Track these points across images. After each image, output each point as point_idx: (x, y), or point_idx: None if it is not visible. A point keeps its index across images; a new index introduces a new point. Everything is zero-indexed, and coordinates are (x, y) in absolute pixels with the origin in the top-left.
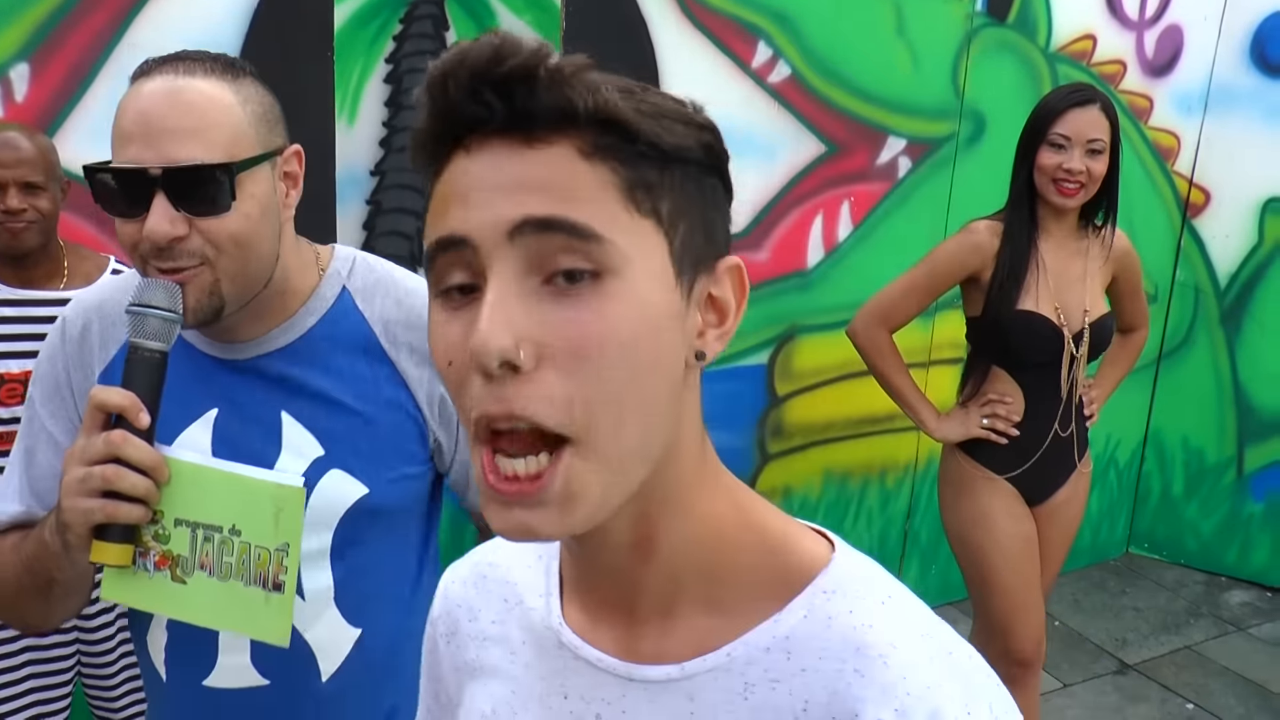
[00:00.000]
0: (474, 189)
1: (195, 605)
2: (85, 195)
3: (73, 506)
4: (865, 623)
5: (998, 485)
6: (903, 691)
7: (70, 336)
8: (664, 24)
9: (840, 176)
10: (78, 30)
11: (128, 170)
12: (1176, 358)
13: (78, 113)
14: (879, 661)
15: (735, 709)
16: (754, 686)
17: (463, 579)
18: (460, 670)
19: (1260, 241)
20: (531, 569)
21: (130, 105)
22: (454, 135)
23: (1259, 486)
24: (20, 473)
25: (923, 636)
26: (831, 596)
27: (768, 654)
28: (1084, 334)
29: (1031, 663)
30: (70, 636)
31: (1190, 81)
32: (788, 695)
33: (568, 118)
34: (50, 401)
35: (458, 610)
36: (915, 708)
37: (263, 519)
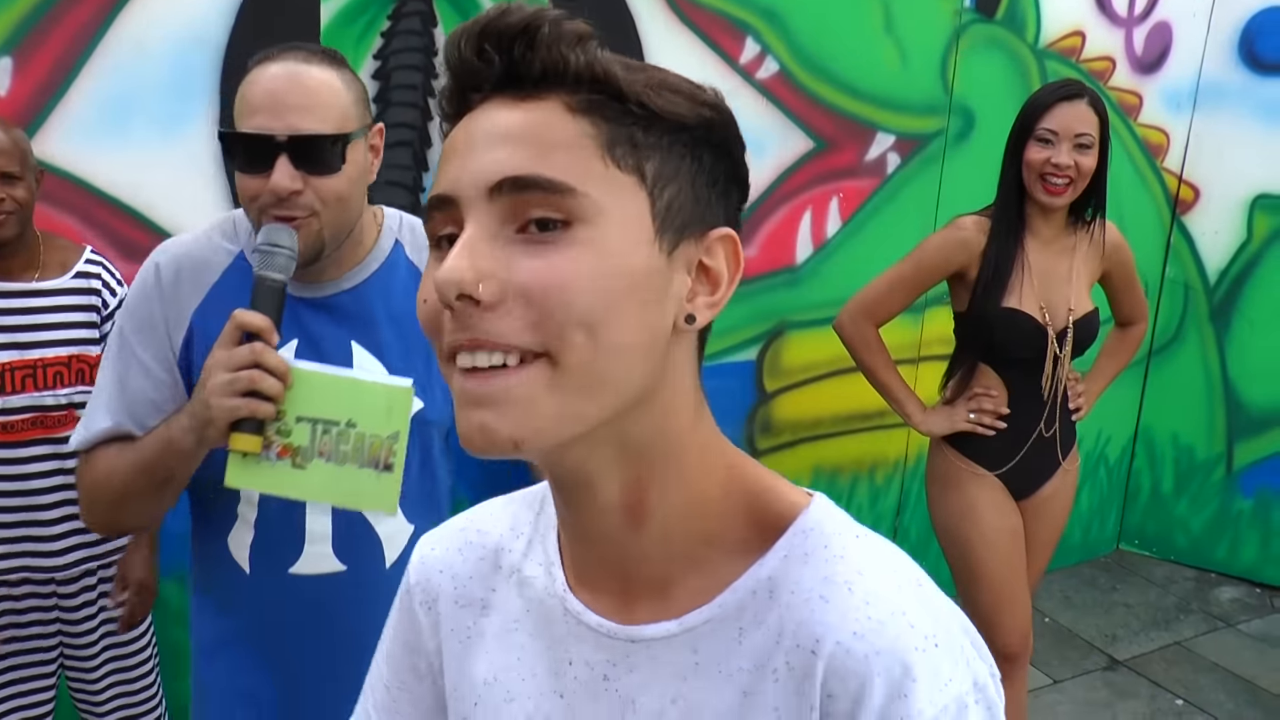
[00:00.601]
0: (464, 145)
1: (312, 487)
2: (68, 190)
3: (220, 404)
4: (837, 554)
5: (984, 480)
6: (864, 615)
7: (164, 280)
8: (652, 20)
9: (829, 172)
10: (62, 24)
11: (258, 135)
12: (1166, 354)
13: (62, 107)
14: (844, 588)
15: (732, 653)
16: (745, 630)
17: (445, 546)
18: (446, 638)
19: (1249, 238)
20: (523, 537)
21: (258, 83)
22: (464, 94)
23: (1248, 483)
24: (112, 394)
25: (892, 569)
26: (809, 535)
27: (754, 597)
28: (1068, 332)
29: (1018, 657)
30: (53, 629)
31: (1179, 78)
32: (769, 631)
33: (559, 76)
34: (142, 334)
35: (439, 577)
36: (876, 632)
37: (376, 413)
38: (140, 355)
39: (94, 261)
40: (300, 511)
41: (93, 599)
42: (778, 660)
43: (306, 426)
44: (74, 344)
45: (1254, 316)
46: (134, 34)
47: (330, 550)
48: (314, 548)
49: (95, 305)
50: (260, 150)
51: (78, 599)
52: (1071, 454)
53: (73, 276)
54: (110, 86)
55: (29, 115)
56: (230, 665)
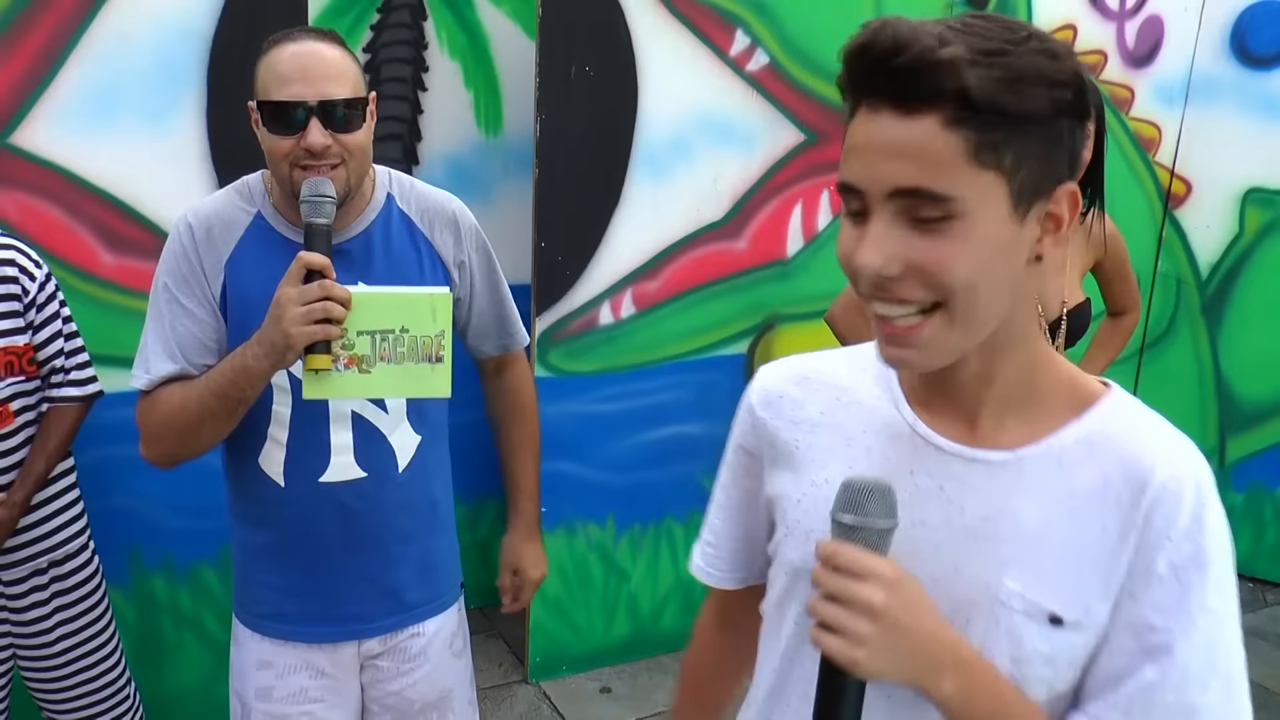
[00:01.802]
0: (866, 148)
1: (378, 386)
2: (54, 181)
3: (300, 332)
4: (1146, 426)
5: None
6: (1180, 465)
7: (199, 236)
8: (641, 12)
9: (819, 165)
10: (47, 14)
11: (294, 102)
12: (1158, 348)
13: (47, 98)
14: (1160, 447)
15: (1054, 482)
16: (1066, 467)
17: (782, 378)
18: (775, 447)
19: (1241, 232)
20: (858, 379)
21: (285, 59)
22: (858, 97)
23: (1240, 477)
24: (165, 341)
25: (1185, 441)
26: (1118, 410)
27: (1076, 445)
28: (1061, 322)
29: None
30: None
31: (1171, 72)
32: (1093, 472)
33: (939, 95)
34: (184, 286)
35: (779, 400)
36: (1185, 475)
37: (423, 316)
38: (186, 304)
39: (6, 246)
40: (325, 428)
41: (45, 599)
42: (1107, 489)
43: (367, 338)
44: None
45: (1246, 310)
46: (120, 24)
47: (353, 459)
48: (339, 458)
49: (16, 294)
50: (295, 115)
51: (27, 599)
52: None
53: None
54: (96, 77)
55: (13, 106)
56: (273, 566)
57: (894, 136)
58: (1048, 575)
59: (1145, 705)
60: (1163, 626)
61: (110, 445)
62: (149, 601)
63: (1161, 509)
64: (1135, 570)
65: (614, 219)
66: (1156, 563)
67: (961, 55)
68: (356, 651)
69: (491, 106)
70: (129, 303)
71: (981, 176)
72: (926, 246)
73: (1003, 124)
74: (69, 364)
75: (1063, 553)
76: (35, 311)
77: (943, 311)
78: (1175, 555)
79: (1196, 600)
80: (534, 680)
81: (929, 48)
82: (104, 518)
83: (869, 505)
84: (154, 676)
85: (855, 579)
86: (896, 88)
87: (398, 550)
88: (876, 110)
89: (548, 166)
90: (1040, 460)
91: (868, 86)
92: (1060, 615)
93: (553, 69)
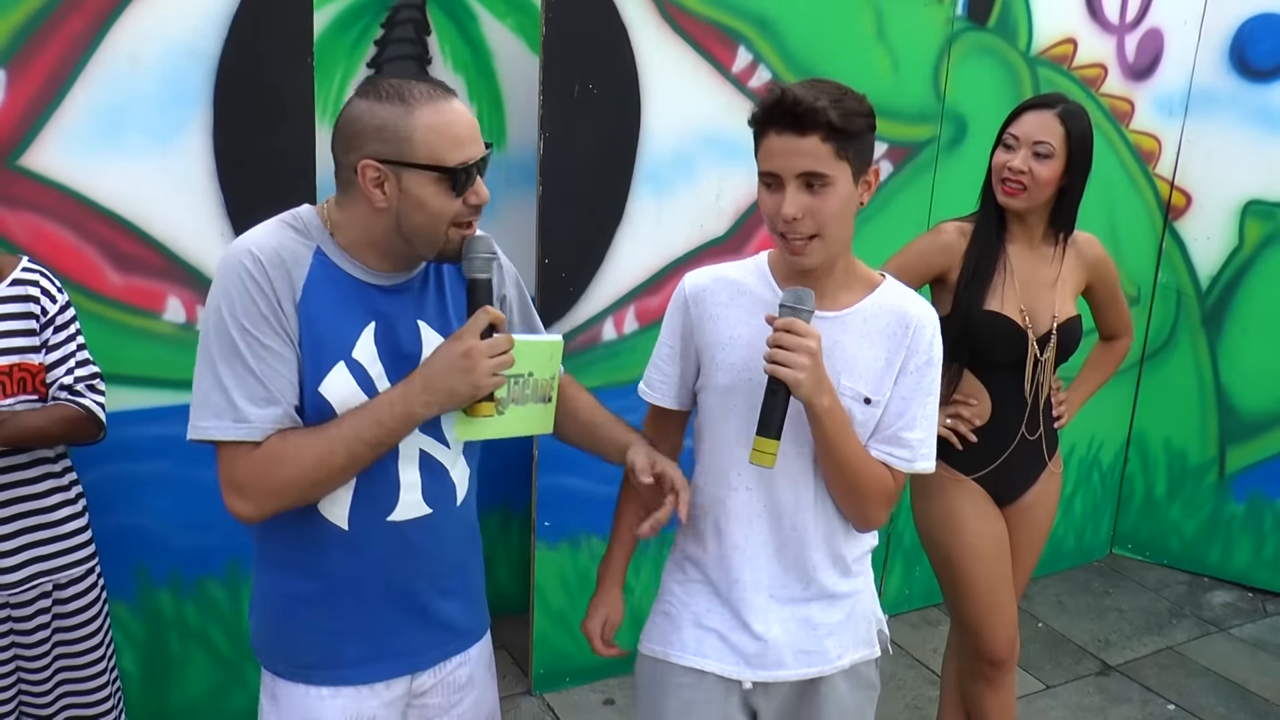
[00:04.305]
0: (782, 153)
1: (509, 426)
2: (63, 202)
3: (489, 383)
4: (908, 297)
5: (965, 486)
6: (921, 311)
7: (272, 273)
8: (644, 29)
9: None
10: (56, 36)
11: (473, 164)
12: (1159, 359)
13: (56, 119)
14: (913, 304)
15: (862, 326)
16: (868, 318)
17: (703, 278)
18: (701, 319)
19: (1241, 244)
20: (749, 278)
21: (456, 120)
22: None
23: (1240, 487)
24: (254, 386)
25: (925, 301)
26: (890, 288)
27: (871, 306)
28: (1051, 336)
29: (1004, 662)
30: (7, 646)
31: (1171, 85)
32: (882, 320)
33: (819, 125)
34: (264, 325)
35: (702, 292)
36: (927, 319)
37: (545, 361)
38: (269, 343)
39: (31, 269)
40: (395, 467)
41: (46, 621)
42: (890, 329)
43: (505, 383)
44: (14, 353)
45: (1246, 322)
46: (128, 47)
47: (421, 497)
48: (408, 496)
49: (34, 313)
50: (470, 175)
51: (33, 621)
52: (1055, 457)
53: (8, 285)
54: (104, 99)
55: (23, 129)
56: (326, 612)
57: (798, 147)
58: (862, 377)
59: (892, 437)
60: (906, 398)
61: (116, 463)
62: (155, 616)
63: (916, 336)
64: (902, 369)
65: (617, 235)
66: (910, 364)
67: (825, 104)
68: (408, 688)
69: (495, 121)
70: (137, 322)
71: (840, 164)
72: (815, 201)
73: (847, 137)
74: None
75: (869, 364)
76: (52, 332)
77: (818, 238)
78: (919, 360)
79: (925, 384)
80: (538, 692)
81: (811, 102)
82: (110, 534)
83: (804, 298)
84: (160, 691)
85: (802, 336)
86: (797, 122)
87: (451, 581)
88: (783, 133)
89: (551, 183)
90: (854, 316)
91: (781, 122)
92: (870, 397)
93: (556, 86)
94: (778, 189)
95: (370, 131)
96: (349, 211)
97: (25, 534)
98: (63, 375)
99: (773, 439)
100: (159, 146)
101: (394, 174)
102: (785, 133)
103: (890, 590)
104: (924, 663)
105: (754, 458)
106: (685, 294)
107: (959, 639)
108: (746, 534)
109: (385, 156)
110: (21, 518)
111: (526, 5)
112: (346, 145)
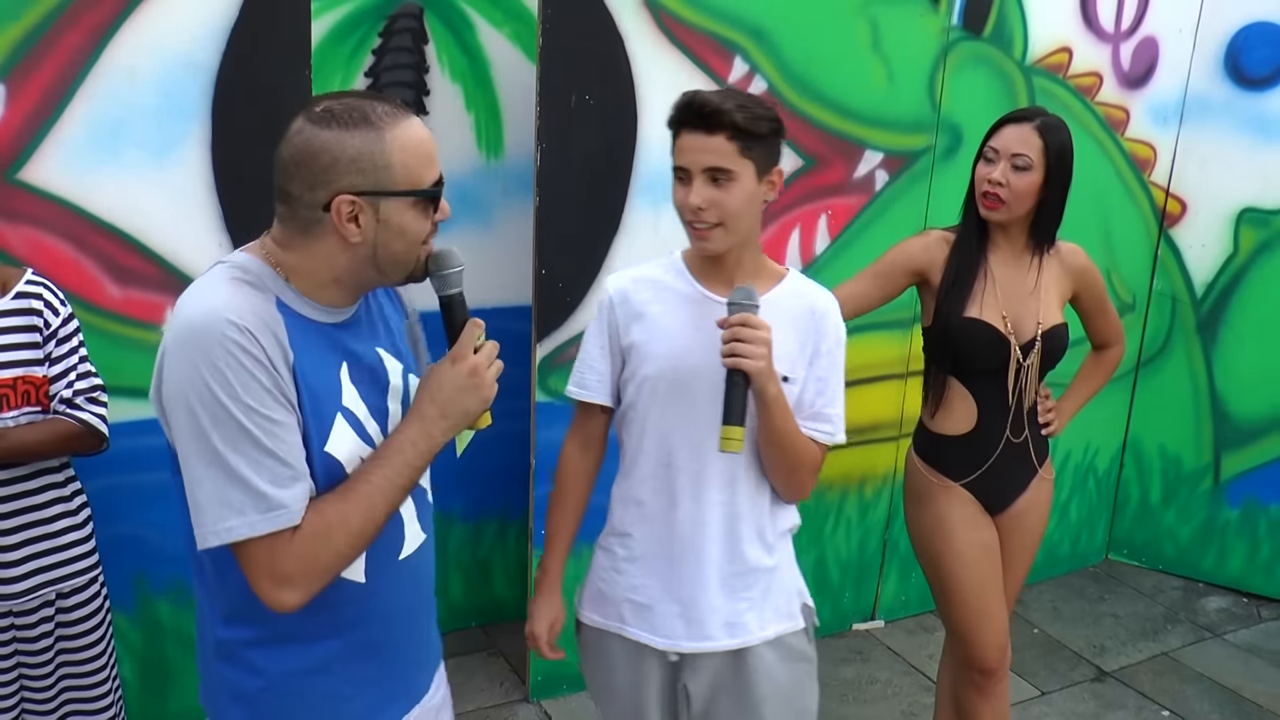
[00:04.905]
0: (692, 150)
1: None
2: (62, 215)
3: (492, 394)
4: (811, 285)
5: (955, 493)
6: (826, 299)
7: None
8: (640, 40)
9: (818, 190)
10: (54, 50)
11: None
12: (1154, 366)
13: (55, 133)
14: (818, 293)
15: (776, 314)
16: (780, 306)
17: (625, 282)
18: (627, 318)
19: (1236, 251)
20: (666, 276)
21: (425, 135)
22: (683, 125)
23: (1235, 493)
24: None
25: (827, 291)
26: (795, 279)
27: (781, 295)
28: (1036, 343)
29: (995, 671)
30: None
31: (1166, 93)
32: (794, 306)
33: (725, 125)
34: (268, 399)
35: (626, 291)
36: (832, 306)
37: None
38: (277, 417)
39: (34, 282)
40: None
41: (50, 629)
42: (800, 315)
43: None
44: (19, 365)
45: (1240, 329)
46: (126, 60)
47: (419, 526)
48: (410, 528)
49: (38, 326)
50: (441, 192)
51: (36, 630)
52: (1047, 463)
53: (13, 298)
54: (103, 111)
55: (22, 142)
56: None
57: (706, 145)
58: (780, 359)
59: (817, 414)
60: (824, 378)
61: (114, 474)
62: (154, 626)
63: (824, 321)
64: (815, 351)
65: (614, 246)
66: (821, 346)
67: (731, 107)
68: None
69: (492, 129)
70: (136, 334)
71: (744, 161)
72: (719, 194)
73: (751, 138)
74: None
75: (785, 347)
76: (55, 344)
77: (721, 227)
78: (830, 343)
79: (838, 364)
80: (535, 699)
81: (719, 104)
82: (110, 545)
83: (751, 294)
84: (158, 700)
85: (756, 329)
86: (705, 122)
87: (433, 601)
88: (694, 131)
89: (548, 194)
90: (768, 304)
91: (691, 122)
92: (789, 376)
93: (553, 98)
94: (687, 182)
95: (344, 163)
96: (306, 252)
97: (30, 544)
98: (62, 388)
99: (738, 425)
100: (157, 159)
101: (370, 205)
102: (695, 131)
103: (886, 596)
104: (920, 669)
105: (723, 445)
106: (610, 297)
107: (953, 646)
108: (677, 511)
109: (363, 188)
110: (26, 528)
111: (524, 14)
112: (312, 181)
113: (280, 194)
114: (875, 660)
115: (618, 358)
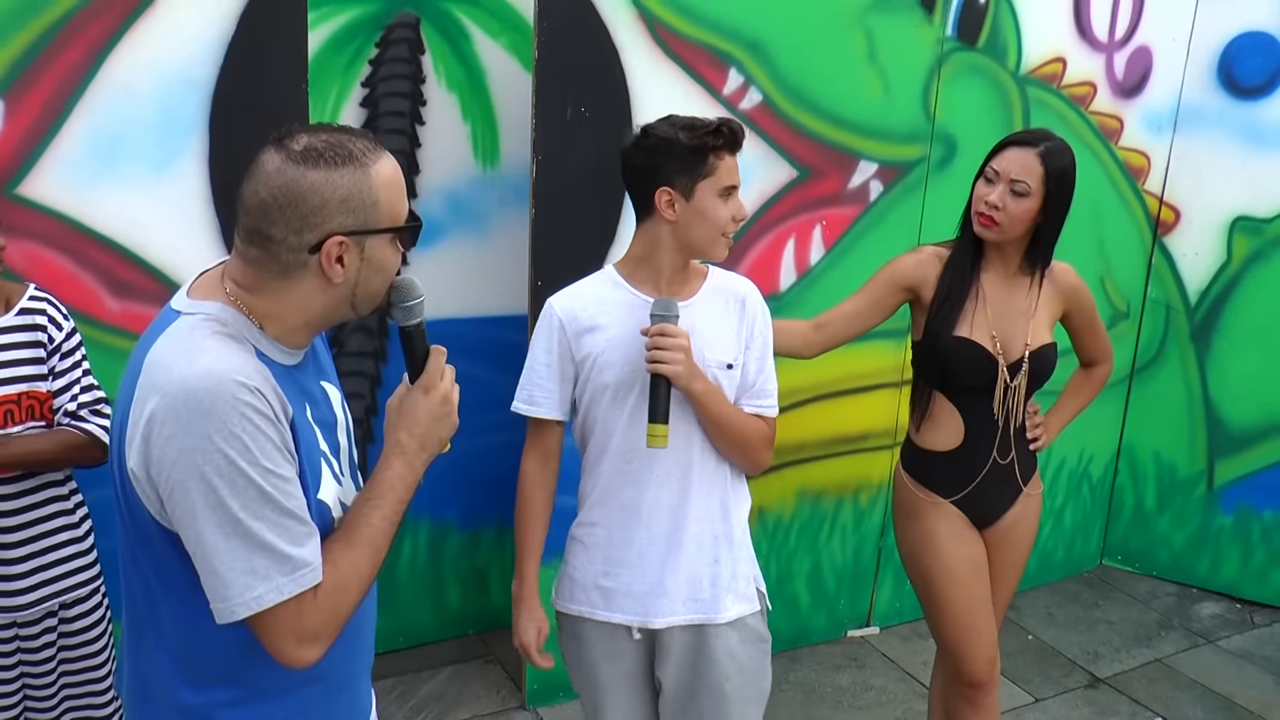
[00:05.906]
0: (734, 169)
1: None
2: (61, 230)
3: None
4: (731, 276)
5: (943, 509)
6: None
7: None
8: (635, 51)
9: (812, 200)
10: (53, 66)
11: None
12: (1148, 374)
13: (53, 148)
14: (738, 282)
15: (707, 308)
16: (710, 301)
17: (569, 300)
18: (577, 334)
19: (1229, 259)
20: (602, 290)
21: (397, 168)
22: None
23: (1229, 500)
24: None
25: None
26: (718, 273)
27: (709, 291)
28: (1023, 363)
29: (984, 683)
30: (14, 667)
31: (1159, 102)
32: (720, 300)
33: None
34: (279, 457)
35: (572, 309)
36: (755, 292)
37: None
38: (286, 474)
39: (38, 298)
40: None
41: (53, 640)
42: (730, 305)
43: None
44: (23, 380)
45: (1234, 336)
46: (124, 76)
47: None
48: None
49: (42, 341)
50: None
51: (39, 640)
52: (1033, 480)
53: (16, 314)
54: (101, 127)
55: (21, 157)
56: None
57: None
58: (722, 347)
59: (759, 391)
60: (761, 357)
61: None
62: None
63: (750, 305)
64: (750, 334)
65: (609, 257)
66: (754, 331)
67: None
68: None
69: (488, 139)
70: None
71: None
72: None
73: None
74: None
75: (723, 336)
76: (59, 359)
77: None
78: (760, 325)
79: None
80: (531, 706)
81: (740, 129)
82: (110, 556)
83: (670, 306)
84: None
85: (675, 338)
86: (738, 145)
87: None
88: (734, 154)
89: (544, 206)
90: (699, 301)
91: (733, 145)
92: (730, 363)
93: (549, 110)
94: (734, 196)
95: (334, 204)
96: (279, 296)
97: (35, 556)
98: (67, 401)
99: (662, 424)
100: (156, 174)
101: (357, 244)
102: (734, 153)
103: (881, 603)
104: (915, 676)
105: (650, 442)
106: (557, 317)
107: (943, 659)
108: (641, 500)
109: (351, 228)
110: (32, 540)
111: (520, 24)
112: (300, 224)
113: (253, 236)
114: (870, 667)
115: (569, 373)
